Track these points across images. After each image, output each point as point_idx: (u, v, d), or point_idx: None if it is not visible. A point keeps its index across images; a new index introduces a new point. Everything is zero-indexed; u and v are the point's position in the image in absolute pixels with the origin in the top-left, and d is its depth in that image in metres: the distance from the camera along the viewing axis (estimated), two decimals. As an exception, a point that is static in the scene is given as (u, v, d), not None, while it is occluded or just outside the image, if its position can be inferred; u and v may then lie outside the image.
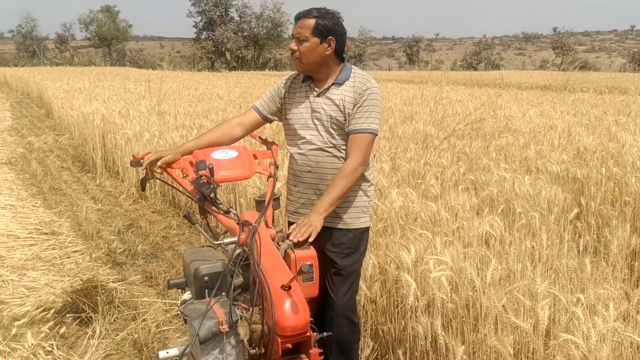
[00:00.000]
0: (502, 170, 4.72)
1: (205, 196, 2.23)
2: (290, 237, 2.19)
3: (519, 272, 2.66)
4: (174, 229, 5.49)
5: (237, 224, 2.15)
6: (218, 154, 2.48)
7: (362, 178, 2.52)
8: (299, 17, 2.44)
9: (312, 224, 2.26)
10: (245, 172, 2.47)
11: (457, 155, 5.56)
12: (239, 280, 2.06)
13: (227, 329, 1.82)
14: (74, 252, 4.77)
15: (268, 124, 2.77)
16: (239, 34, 51.96)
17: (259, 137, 2.83)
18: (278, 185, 3.36)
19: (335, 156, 2.48)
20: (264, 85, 17.41)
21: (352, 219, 2.53)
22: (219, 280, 2.00)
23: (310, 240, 2.22)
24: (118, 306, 3.80)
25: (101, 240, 5.13)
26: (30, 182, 7.39)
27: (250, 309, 1.88)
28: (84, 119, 8.65)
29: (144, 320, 3.62)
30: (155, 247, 5.01)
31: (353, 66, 2.57)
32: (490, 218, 3.44)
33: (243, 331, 1.82)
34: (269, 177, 2.46)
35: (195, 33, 53.47)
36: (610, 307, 2.17)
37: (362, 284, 2.90)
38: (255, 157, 2.58)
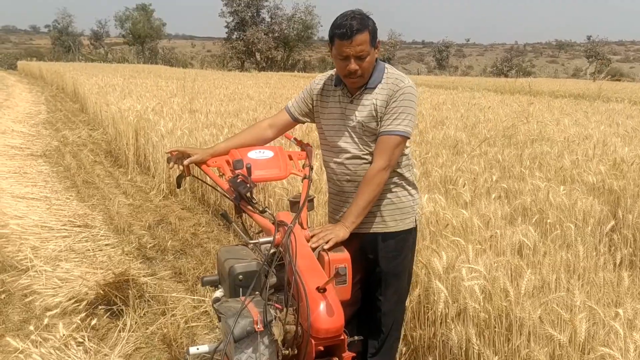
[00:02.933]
0: (537, 179, 4.65)
1: (242, 195, 2.24)
2: (310, 243, 2.14)
3: (553, 284, 2.62)
4: (203, 226, 5.54)
5: (273, 223, 2.16)
6: (254, 154, 2.50)
7: (403, 178, 2.47)
8: (352, 34, 2.20)
9: (333, 231, 2.21)
10: (280, 173, 2.48)
11: (490, 162, 5.49)
12: (273, 280, 2.06)
13: (262, 329, 1.83)
14: (106, 245, 4.85)
15: (300, 124, 2.74)
16: (270, 35, 52.24)
17: (294, 139, 2.84)
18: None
19: (370, 162, 2.40)
20: (293, 87, 17.48)
21: (397, 222, 2.48)
22: (253, 279, 2.00)
23: (327, 247, 2.15)
24: (148, 300, 3.85)
25: (132, 234, 5.20)
26: (64, 175, 7.54)
27: (285, 309, 1.89)
28: (120, 115, 8.79)
29: (173, 315, 3.66)
30: (185, 243, 5.06)
31: (386, 65, 2.43)
32: (523, 227, 3.39)
33: (277, 331, 1.82)
34: (304, 178, 2.47)
35: (226, 33, 53.97)
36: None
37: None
38: (290, 158, 2.60)
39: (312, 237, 2.22)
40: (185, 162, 2.46)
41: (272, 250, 2.08)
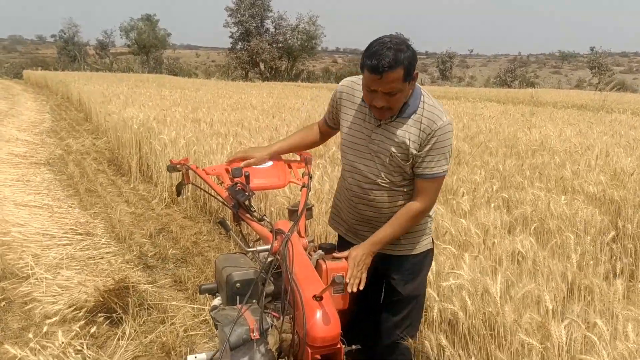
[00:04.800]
0: (537, 190, 4.65)
1: (240, 203, 2.26)
2: (348, 287, 2.08)
3: (548, 293, 2.62)
4: (204, 235, 5.54)
5: (270, 232, 2.17)
6: None
7: None
8: (383, 71, 1.98)
9: (365, 263, 2.16)
10: (279, 182, 2.50)
11: (491, 172, 5.49)
12: (270, 288, 2.07)
13: (258, 337, 1.83)
14: (107, 253, 4.86)
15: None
16: (274, 45, 52.50)
17: None
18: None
19: (394, 190, 2.29)
20: (296, 97, 17.53)
21: (415, 244, 2.39)
22: (250, 287, 2.01)
23: (362, 287, 2.12)
24: (148, 308, 3.85)
25: (133, 242, 5.21)
26: (67, 183, 7.57)
27: (281, 317, 1.89)
28: (123, 124, 8.83)
29: (172, 323, 3.66)
30: (186, 252, 5.07)
31: (423, 92, 2.22)
32: (522, 237, 3.39)
33: (273, 340, 1.83)
34: (303, 187, 2.48)
35: (230, 43, 54.25)
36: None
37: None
38: (289, 167, 2.61)
39: (320, 246, 2.21)
40: (242, 164, 2.48)
41: (269, 259, 2.09)
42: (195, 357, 2.19)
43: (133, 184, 7.62)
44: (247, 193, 2.25)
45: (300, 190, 2.48)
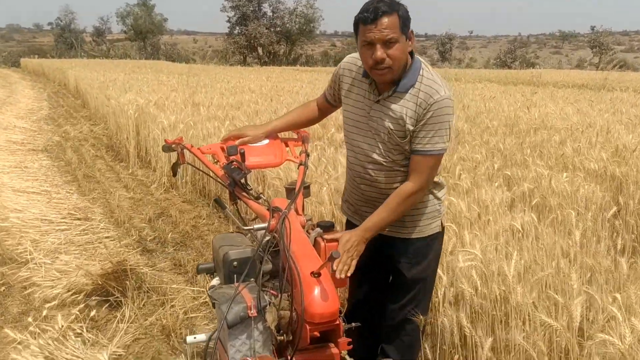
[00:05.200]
0: (539, 167, 4.61)
1: (236, 181, 2.22)
2: (337, 274, 1.99)
3: (552, 269, 2.59)
4: (204, 219, 5.52)
5: (267, 210, 2.14)
6: None
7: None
8: (377, 16, 1.95)
9: (357, 250, 2.07)
10: (275, 160, 2.46)
11: (491, 151, 5.45)
12: (268, 266, 2.04)
13: (255, 314, 1.80)
14: (106, 237, 4.84)
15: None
16: (272, 29, 52.09)
17: None
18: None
19: (396, 170, 2.21)
20: (295, 80, 17.42)
21: (421, 228, 2.30)
22: (247, 265, 1.98)
23: (349, 274, 2.04)
24: (147, 292, 3.83)
25: (132, 227, 5.19)
26: (65, 170, 7.53)
27: (279, 295, 1.86)
28: (120, 109, 8.77)
29: (172, 306, 3.65)
30: (185, 235, 5.05)
31: (423, 64, 2.13)
32: (522, 214, 3.36)
33: (271, 317, 1.80)
34: (300, 165, 2.44)
35: (228, 28, 53.81)
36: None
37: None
38: (286, 144, 2.57)
39: (318, 224, 2.17)
40: (237, 142, 2.42)
41: (266, 237, 2.06)
42: (195, 337, 2.16)
43: (131, 169, 7.59)
44: (243, 171, 2.21)
45: (297, 169, 2.44)
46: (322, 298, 1.76)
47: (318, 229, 2.19)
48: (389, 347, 2.44)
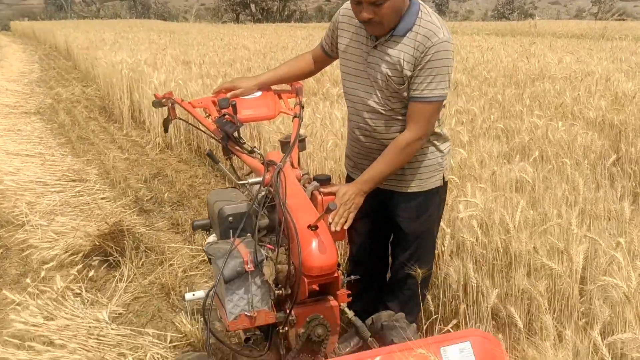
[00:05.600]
0: (535, 117, 4.54)
1: (229, 135, 2.16)
2: (332, 226, 1.93)
3: (554, 217, 2.56)
4: (200, 178, 5.47)
5: (262, 164, 2.08)
6: None
7: (433, 134, 2.17)
8: None
9: (354, 203, 2.00)
10: (269, 112, 2.39)
11: (490, 102, 5.36)
12: (264, 221, 2.00)
13: (252, 269, 1.77)
14: (102, 198, 4.80)
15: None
16: (264, -15, 50.84)
17: None
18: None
19: (395, 120, 2.13)
20: (289, 37, 17.10)
21: (422, 181, 2.22)
22: (243, 220, 1.94)
23: (346, 227, 1.99)
24: (145, 251, 3.82)
25: (128, 188, 5.15)
26: (58, 132, 7.44)
27: (276, 249, 1.83)
28: (112, 69, 8.61)
29: (170, 265, 3.63)
30: (182, 195, 5.01)
31: (422, 7, 2.03)
32: (521, 165, 3.32)
33: (268, 271, 1.77)
34: (294, 117, 2.37)
35: (220, -16, 52.51)
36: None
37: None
38: (279, 97, 2.50)
39: (315, 178, 2.12)
40: (228, 95, 2.34)
41: (261, 191, 2.01)
42: (193, 294, 2.14)
43: (126, 130, 7.50)
44: (235, 124, 2.15)
45: (292, 121, 2.38)
46: (320, 251, 1.73)
47: (315, 183, 2.15)
48: (391, 302, 2.43)
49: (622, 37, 14.32)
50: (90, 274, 3.49)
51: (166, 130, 2.60)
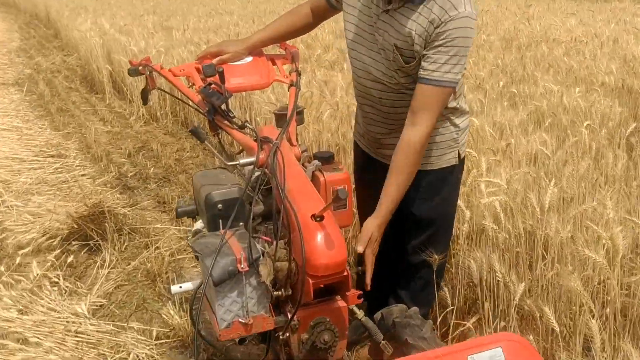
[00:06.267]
0: (547, 82, 4.25)
1: (216, 107, 1.85)
2: (366, 288, 1.68)
3: (580, 197, 2.30)
4: (187, 151, 5.15)
5: (255, 141, 1.78)
6: None
7: (448, 109, 1.88)
8: None
9: (374, 248, 1.74)
10: (262, 80, 2.08)
11: (491, 68, 5.04)
12: (259, 207, 1.71)
13: (247, 268, 1.49)
14: (83, 175, 4.49)
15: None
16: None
17: None
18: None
19: (403, 93, 1.84)
20: (279, 0, 16.51)
21: (433, 158, 1.93)
22: (234, 208, 1.65)
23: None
24: (129, 233, 3.55)
25: (111, 163, 4.82)
26: (37, 104, 7.04)
27: (275, 242, 1.55)
28: (90, 37, 8.16)
29: (157, 248, 3.36)
30: (168, 170, 4.71)
31: None
32: (538, 135, 3.05)
33: (266, 270, 1.49)
34: (291, 85, 2.06)
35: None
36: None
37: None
38: (273, 62, 2.18)
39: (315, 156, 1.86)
40: (214, 60, 2.03)
41: (256, 173, 1.72)
42: (180, 287, 1.84)
43: (108, 101, 7.11)
44: (223, 95, 1.83)
45: (288, 90, 2.07)
46: (327, 246, 1.45)
47: (316, 162, 1.86)
48: (402, 292, 2.17)
49: (621, -2, 13.91)
50: (69, 259, 3.21)
51: (145, 102, 2.29)
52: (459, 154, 2.00)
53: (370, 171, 2.12)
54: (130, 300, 2.92)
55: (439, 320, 2.21)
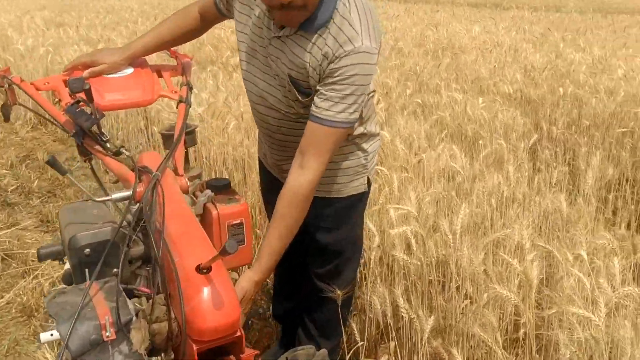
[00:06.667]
0: (453, 91, 4.23)
1: (85, 130, 1.55)
2: None
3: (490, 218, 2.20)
4: (78, 161, 4.69)
5: (132, 170, 1.51)
6: None
7: (356, 136, 1.71)
8: None
9: (247, 306, 1.54)
10: (144, 96, 1.79)
11: (406, 74, 4.98)
12: (138, 249, 1.44)
13: (114, 336, 1.22)
14: (-49, 192, 3.95)
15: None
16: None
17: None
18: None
19: (302, 122, 1.57)
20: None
21: (340, 185, 1.75)
22: (104, 253, 1.36)
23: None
24: (4, 259, 3.12)
25: (-11, 176, 4.30)
26: None
27: (151, 299, 1.28)
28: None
29: (35, 277, 2.96)
30: (55, 183, 4.25)
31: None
32: (448, 147, 2.96)
33: (139, 337, 1.22)
34: (179, 102, 1.80)
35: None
36: (614, 263, 1.74)
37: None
38: (159, 74, 1.90)
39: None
40: (84, 73, 1.72)
41: (132, 208, 1.45)
42: (52, 335, 1.53)
43: (-10, 103, 6.41)
44: (92, 115, 1.54)
45: (176, 108, 1.80)
46: (214, 305, 1.21)
47: (208, 192, 1.62)
48: (310, 324, 2.00)
49: (519, 6, 14.60)
50: None
51: (6, 119, 1.92)
52: (368, 179, 1.83)
53: (275, 193, 1.90)
54: (0, 343, 2.53)
55: (347, 356, 2.03)
